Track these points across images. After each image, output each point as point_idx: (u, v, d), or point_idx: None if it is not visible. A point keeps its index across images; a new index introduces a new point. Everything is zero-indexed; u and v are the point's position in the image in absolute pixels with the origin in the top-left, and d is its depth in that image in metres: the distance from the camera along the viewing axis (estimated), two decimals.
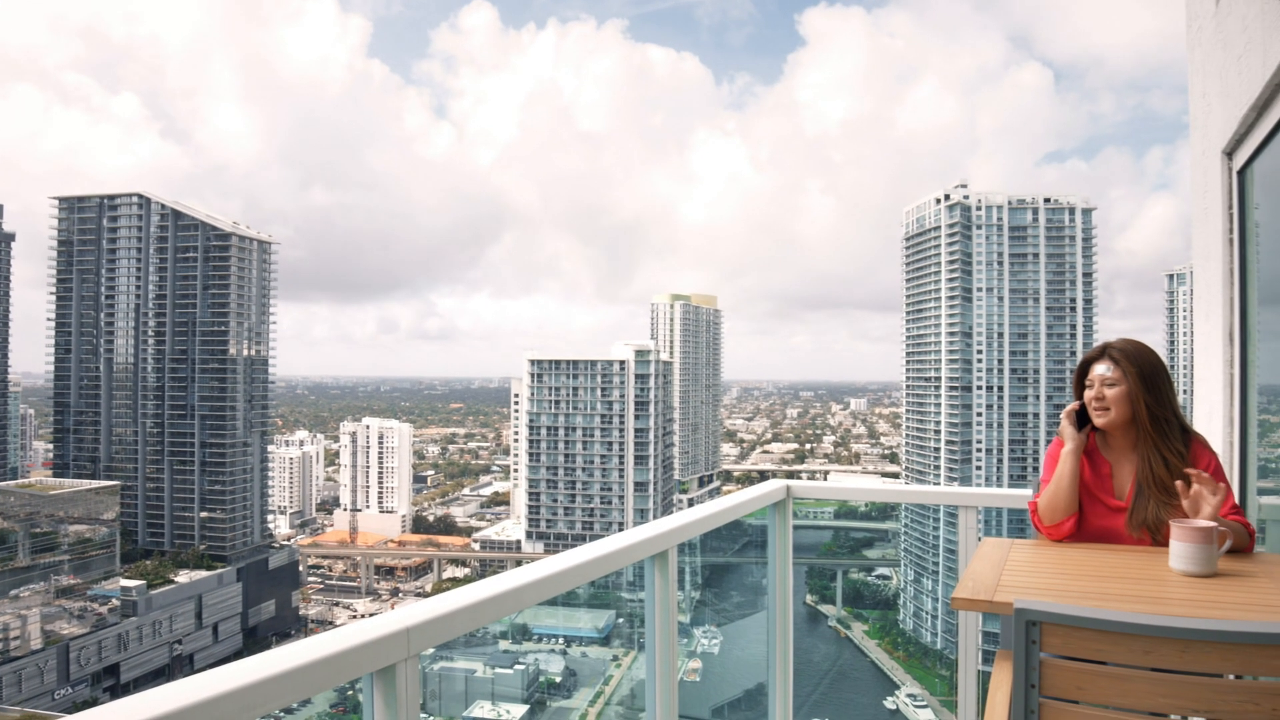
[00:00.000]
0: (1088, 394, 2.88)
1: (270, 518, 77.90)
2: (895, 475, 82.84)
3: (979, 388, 68.67)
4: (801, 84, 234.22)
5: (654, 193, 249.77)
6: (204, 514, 70.81)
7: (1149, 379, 2.79)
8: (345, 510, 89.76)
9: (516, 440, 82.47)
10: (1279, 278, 3.30)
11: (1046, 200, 70.31)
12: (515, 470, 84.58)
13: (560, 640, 5.94)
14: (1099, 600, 2.26)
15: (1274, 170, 3.34)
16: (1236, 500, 3.49)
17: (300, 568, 77.53)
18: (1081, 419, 2.93)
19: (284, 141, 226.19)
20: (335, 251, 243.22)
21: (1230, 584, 2.40)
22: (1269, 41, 2.89)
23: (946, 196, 71.15)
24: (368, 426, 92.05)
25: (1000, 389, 68.52)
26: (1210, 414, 4.03)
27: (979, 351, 69.21)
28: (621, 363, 74.01)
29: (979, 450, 67.94)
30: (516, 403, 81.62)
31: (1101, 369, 2.84)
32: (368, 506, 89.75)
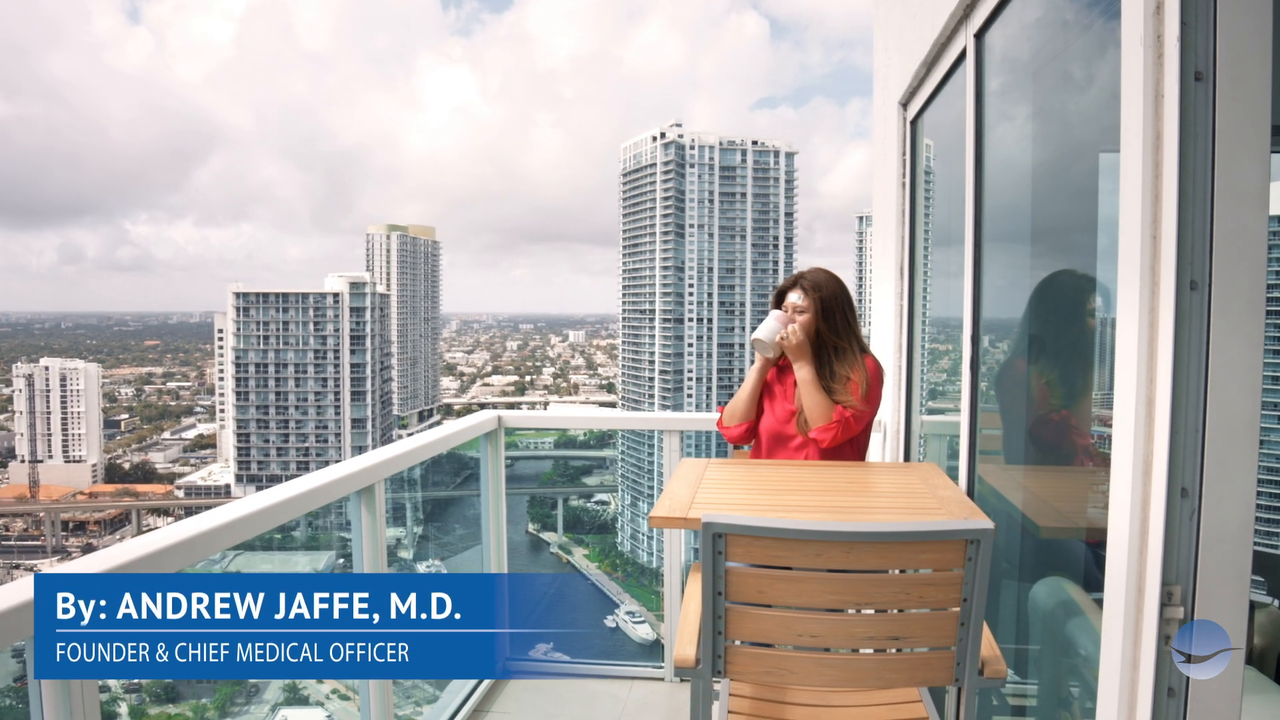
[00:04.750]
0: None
1: None
2: (613, 404, 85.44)
3: (690, 320, 71.94)
4: (531, 15, 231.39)
5: (377, 119, 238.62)
6: None
7: (829, 308, 3.10)
8: (23, 462, 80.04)
9: (222, 379, 77.03)
10: (948, 220, 3.67)
11: (754, 143, 73.90)
12: (221, 411, 79.05)
13: None
14: (781, 511, 2.46)
15: (941, 122, 3.69)
16: (901, 421, 3.91)
17: None
18: None
19: None
20: (8, 170, 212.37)
21: (891, 492, 2.71)
22: (938, 1, 3.16)
23: (662, 135, 73.09)
24: (46, 368, 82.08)
25: (710, 321, 72.08)
26: (883, 342, 4.45)
27: (690, 285, 72.28)
28: (335, 295, 70.70)
29: (690, 379, 71.45)
30: (221, 339, 76.06)
31: (794, 297, 3.14)
32: (50, 456, 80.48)
